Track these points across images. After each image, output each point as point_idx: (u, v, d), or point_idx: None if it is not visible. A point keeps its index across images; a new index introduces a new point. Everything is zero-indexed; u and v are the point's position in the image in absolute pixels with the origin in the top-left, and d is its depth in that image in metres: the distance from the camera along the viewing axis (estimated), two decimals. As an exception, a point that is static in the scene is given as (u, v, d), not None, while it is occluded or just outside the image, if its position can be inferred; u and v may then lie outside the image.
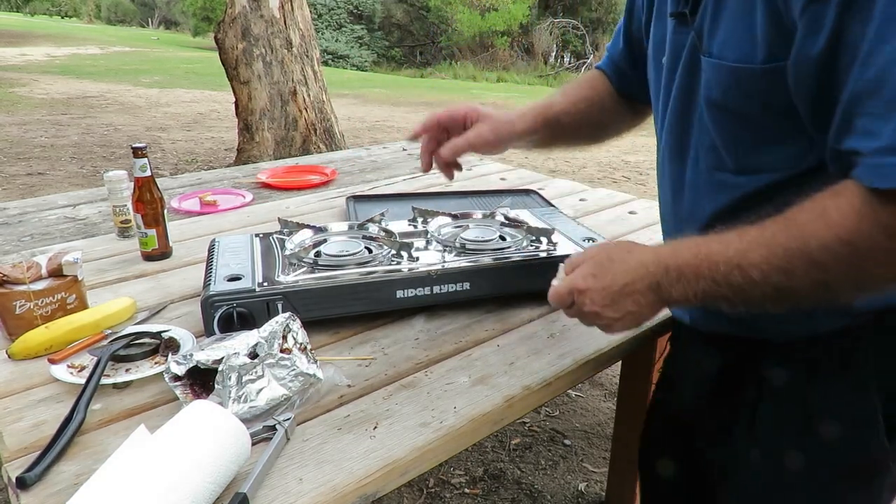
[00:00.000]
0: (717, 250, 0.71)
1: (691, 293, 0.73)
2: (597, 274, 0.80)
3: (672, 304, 0.78)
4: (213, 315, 1.02)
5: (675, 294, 0.74)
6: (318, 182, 2.11)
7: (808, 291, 0.67)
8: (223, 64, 5.12)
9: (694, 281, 0.72)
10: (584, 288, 0.81)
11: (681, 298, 0.74)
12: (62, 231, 1.65)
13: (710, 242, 0.72)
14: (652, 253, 0.78)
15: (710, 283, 0.70)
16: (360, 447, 0.82)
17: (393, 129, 7.53)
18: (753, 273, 0.67)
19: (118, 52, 17.14)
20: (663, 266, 0.75)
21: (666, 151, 0.91)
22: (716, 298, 0.71)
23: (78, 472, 0.76)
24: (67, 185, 4.99)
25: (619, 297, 0.78)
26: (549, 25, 18.20)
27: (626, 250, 0.81)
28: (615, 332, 0.83)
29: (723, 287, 0.70)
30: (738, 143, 0.78)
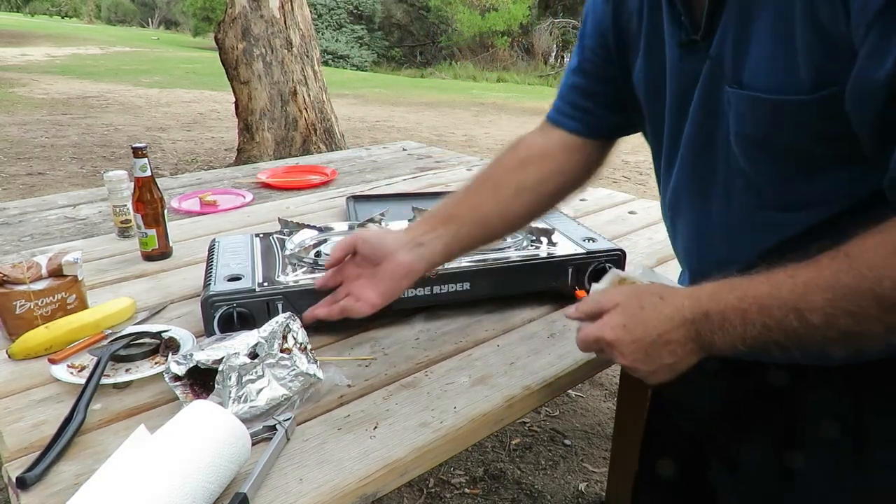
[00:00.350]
0: (766, 293, 0.63)
1: (738, 340, 0.65)
2: (627, 324, 0.72)
3: (714, 351, 0.69)
4: (213, 315, 1.02)
5: (718, 341, 0.66)
6: (319, 182, 2.11)
7: (881, 335, 0.60)
8: (223, 64, 5.12)
9: (741, 327, 0.64)
10: (612, 340, 0.72)
11: (725, 346, 0.67)
12: (62, 231, 1.65)
13: (756, 284, 0.64)
14: (688, 298, 0.69)
15: (761, 329, 0.63)
16: (361, 447, 0.82)
17: (393, 129, 7.53)
18: (814, 318, 0.60)
19: (118, 52, 17.15)
20: (702, 312, 0.67)
21: (682, 191, 0.82)
22: (766, 344, 0.64)
23: (78, 472, 0.76)
24: (67, 185, 4.99)
25: (654, 348, 0.70)
26: (550, 25, 18.21)
27: (659, 296, 0.72)
28: (653, 382, 0.74)
29: (776, 332, 0.62)
30: (780, 178, 0.70)
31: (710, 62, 0.70)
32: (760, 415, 0.80)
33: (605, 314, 0.74)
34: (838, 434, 0.74)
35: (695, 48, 0.72)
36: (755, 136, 0.68)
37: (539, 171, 0.98)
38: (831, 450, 0.75)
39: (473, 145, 6.75)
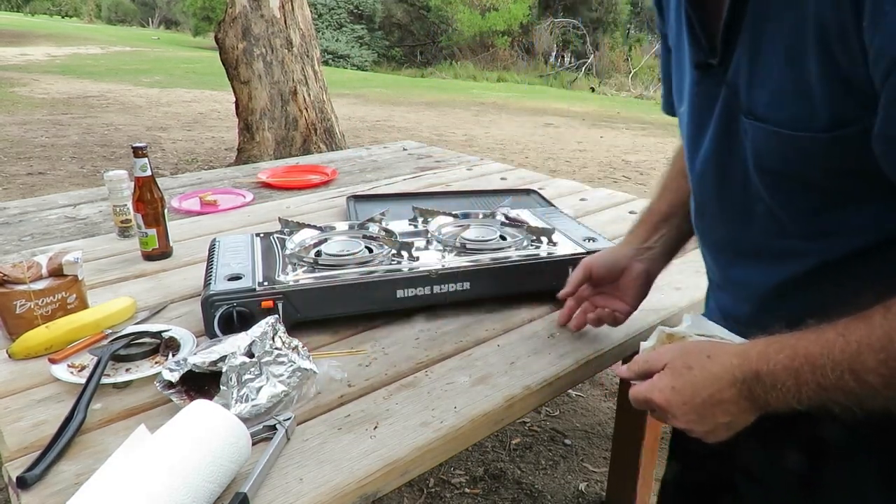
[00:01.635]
0: (817, 352, 0.61)
1: (794, 400, 0.62)
2: (675, 386, 0.70)
3: (770, 410, 0.66)
4: (213, 315, 1.02)
5: (773, 401, 0.64)
6: (319, 182, 2.11)
7: None
8: (223, 64, 5.12)
9: (794, 388, 0.62)
10: (663, 403, 0.71)
11: (780, 405, 0.64)
12: (62, 231, 1.65)
13: (806, 343, 0.62)
14: (737, 356, 0.67)
15: (817, 390, 0.61)
16: (361, 447, 0.82)
17: (393, 128, 7.52)
18: (871, 378, 0.58)
19: (119, 51, 17.14)
20: (753, 372, 0.65)
21: (706, 214, 0.81)
22: (825, 403, 0.61)
23: (78, 471, 0.76)
24: (68, 184, 4.99)
25: (706, 409, 0.68)
26: (550, 25, 18.18)
27: (706, 354, 0.70)
28: (712, 441, 0.71)
29: (832, 392, 0.60)
30: (800, 209, 0.68)
31: (727, 88, 0.69)
32: (786, 429, 0.78)
33: (655, 375, 0.73)
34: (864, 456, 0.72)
35: (712, 71, 0.70)
36: (772, 168, 0.67)
37: None
38: (856, 470, 0.74)
39: (474, 145, 6.75)
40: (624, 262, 1.01)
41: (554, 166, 5.85)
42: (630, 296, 1.02)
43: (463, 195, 1.92)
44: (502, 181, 2.17)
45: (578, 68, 16.93)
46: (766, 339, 0.66)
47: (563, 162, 6.05)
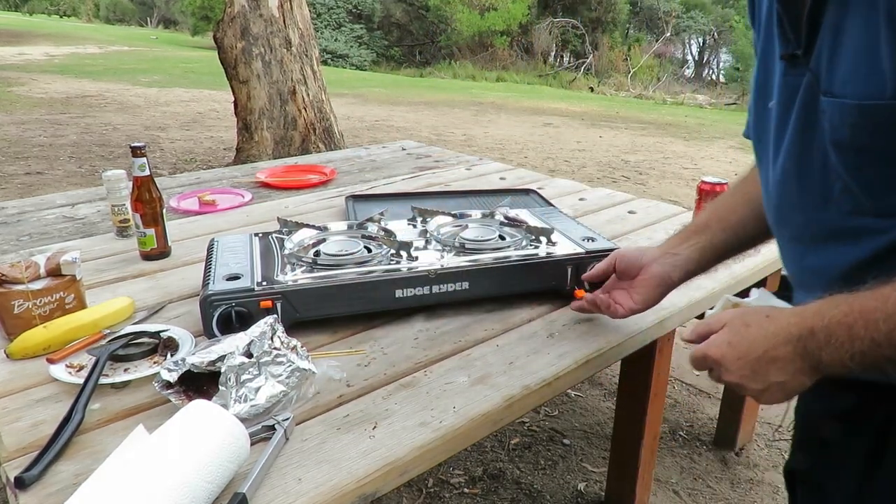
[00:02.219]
0: (873, 307, 0.62)
1: (847, 356, 0.64)
2: (732, 341, 0.73)
3: (824, 369, 0.68)
4: (211, 314, 1.02)
5: (826, 358, 0.66)
6: (318, 181, 2.11)
7: None
8: (222, 63, 5.11)
9: (848, 342, 0.64)
10: (718, 357, 0.74)
11: (834, 363, 0.66)
12: (60, 230, 1.64)
13: (862, 298, 0.64)
14: (794, 315, 0.70)
15: (870, 344, 0.62)
16: (360, 447, 0.82)
17: (392, 128, 7.52)
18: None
19: (117, 51, 17.12)
20: (808, 328, 0.67)
21: (783, 201, 0.82)
22: (878, 360, 0.63)
23: (76, 471, 0.76)
24: (66, 184, 4.98)
25: (760, 365, 0.71)
26: (549, 25, 18.18)
27: (765, 315, 0.73)
28: (766, 403, 0.74)
29: (885, 348, 0.61)
30: (877, 184, 0.69)
31: (810, 75, 0.71)
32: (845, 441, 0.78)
33: (713, 334, 0.76)
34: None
35: (797, 62, 0.73)
36: (846, 140, 0.69)
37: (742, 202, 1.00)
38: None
39: (473, 144, 6.74)
40: (645, 261, 1.03)
41: (553, 166, 5.85)
42: (639, 294, 1.04)
43: (462, 195, 1.92)
44: (501, 181, 2.17)
45: (577, 68, 16.93)
46: (824, 299, 0.67)
47: (562, 162, 6.05)
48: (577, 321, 1.17)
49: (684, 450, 2.07)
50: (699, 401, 2.34)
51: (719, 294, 1.33)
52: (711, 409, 2.26)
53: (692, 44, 20.77)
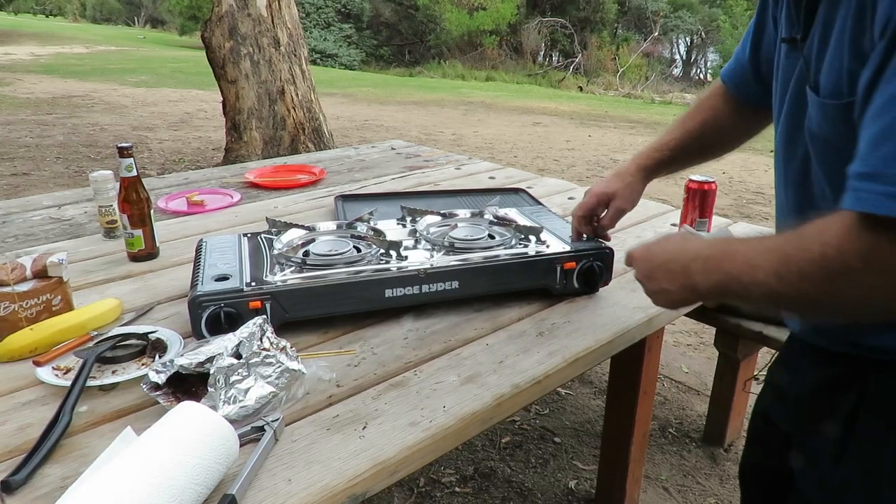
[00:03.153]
0: (739, 249, 0.74)
1: (711, 282, 0.76)
2: (651, 248, 0.88)
3: (696, 290, 0.79)
4: (200, 315, 1.01)
5: (698, 280, 0.78)
6: (307, 181, 2.10)
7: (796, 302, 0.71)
8: (210, 63, 5.09)
9: (714, 272, 0.76)
10: (635, 255, 0.90)
11: (701, 286, 0.78)
12: (47, 232, 1.63)
13: (739, 242, 0.77)
14: (702, 244, 0.82)
15: (724, 276, 0.74)
16: (350, 447, 0.82)
17: (382, 128, 7.51)
18: (758, 274, 0.70)
19: (104, 50, 16.99)
20: (695, 253, 0.79)
21: (781, 178, 0.89)
22: (727, 292, 0.76)
23: (64, 474, 0.76)
24: (53, 185, 4.93)
25: (657, 271, 0.85)
26: (538, 24, 18.21)
27: (690, 238, 0.86)
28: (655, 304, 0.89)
29: (733, 283, 0.73)
30: (838, 173, 0.73)
31: (803, 61, 0.77)
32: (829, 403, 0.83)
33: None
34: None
35: (796, 46, 0.79)
36: (815, 132, 0.76)
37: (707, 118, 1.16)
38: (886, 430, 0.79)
39: (462, 144, 6.75)
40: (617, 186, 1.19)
41: (542, 165, 5.86)
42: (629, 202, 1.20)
43: (451, 194, 1.92)
44: (491, 180, 2.17)
45: (566, 67, 16.98)
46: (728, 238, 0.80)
47: (552, 161, 6.07)
48: (567, 320, 1.17)
49: (674, 447, 2.08)
50: (688, 398, 2.36)
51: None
52: (700, 405, 2.27)
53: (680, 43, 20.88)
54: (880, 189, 0.58)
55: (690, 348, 2.74)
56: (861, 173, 0.61)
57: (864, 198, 0.60)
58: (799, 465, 0.89)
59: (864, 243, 0.61)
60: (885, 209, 0.58)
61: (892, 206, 0.57)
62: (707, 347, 2.69)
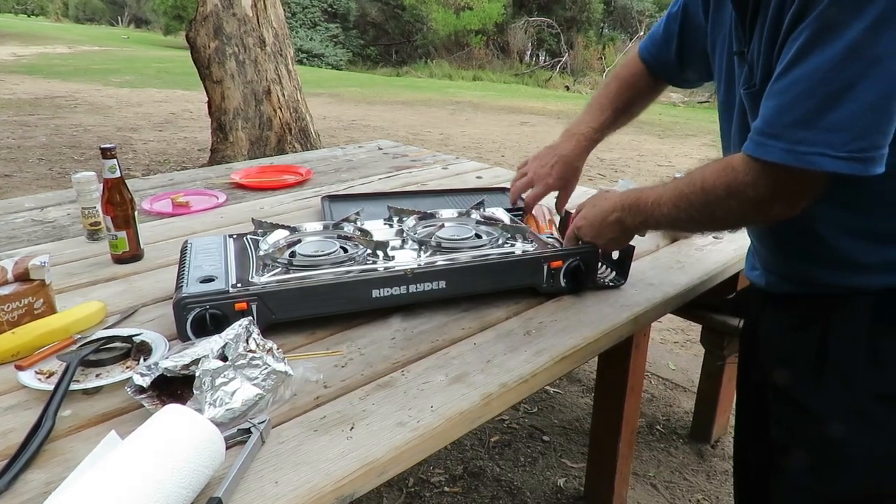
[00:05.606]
0: (650, 194, 1.02)
1: (637, 221, 1.07)
2: (586, 215, 1.18)
3: (632, 230, 1.12)
4: (185, 317, 1.00)
5: (630, 222, 1.09)
6: (293, 182, 2.09)
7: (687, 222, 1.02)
8: (195, 63, 5.05)
9: (637, 213, 1.06)
10: (579, 226, 1.19)
11: (633, 226, 1.09)
12: (29, 234, 1.61)
13: (651, 189, 1.03)
14: (618, 196, 1.11)
15: (645, 215, 1.04)
16: (337, 448, 0.81)
17: (369, 127, 7.49)
18: (664, 209, 0.99)
19: (87, 51, 16.81)
20: (620, 204, 1.09)
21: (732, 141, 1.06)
22: (647, 224, 1.07)
23: (47, 480, 0.75)
24: (35, 187, 4.88)
25: (601, 228, 1.15)
26: (525, 24, 18.24)
27: (604, 197, 1.16)
28: (610, 250, 1.25)
29: (650, 218, 1.03)
30: None
31: (748, 68, 0.91)
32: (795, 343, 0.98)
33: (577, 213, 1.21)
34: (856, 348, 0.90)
35: (743, 57, 0.92)
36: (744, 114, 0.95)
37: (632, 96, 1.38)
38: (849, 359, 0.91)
39: (450, 144, 6.75)
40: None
41: (530, 164, 5.85)
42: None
43: (438, 194, 1.91)
44: (478, 180, 2.17)
45: (553, 67, 17.01)
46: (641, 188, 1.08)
47: (539, 160, 6.07)
48: (554, 319, 1.18)
49: (661, 443, 2.09)
50: (675, 395, 2.37)
51: (694, 290, 1.35)
52: (687, 402, 2.29)
53: (666, 42, 20.95)
54: (782, 146, 0.78)
55: (677, 346, 2.76)
56: (766, 132, 0.80)
57: (753, 145, 0.82)
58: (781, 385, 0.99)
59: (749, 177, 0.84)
60: (784, 159, 0.78)
61: (789, 158, 0.78)
62: (693, 345, 2.71)
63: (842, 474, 0.92)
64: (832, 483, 0.93)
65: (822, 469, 0.94)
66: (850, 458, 0.91)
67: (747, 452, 1.15)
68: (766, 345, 1.04)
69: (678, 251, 1.53)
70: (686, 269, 1.41)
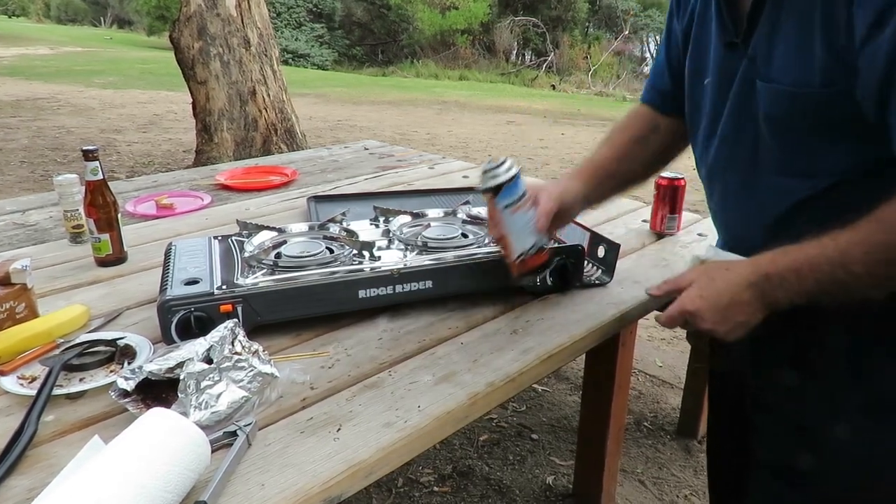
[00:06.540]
0: (815, 253, 0.78)
1: (794, 294, 0.81)
2: (704, 294, 0.88)
3: (778, 307, 0.84)
4: (170, 320, 1.00)
5: (780, 297, 0.82)
6: (279, 183, 2.08)
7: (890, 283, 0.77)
8: (179, 64, 5.01)
9: (796, 283, 0.80)
10: (694, 310, 0.89)
11: (786, 301, 0.82)
12: (10, 238, 1.59)
13: (806, 247, 0.79)
14: (750, 265, 0.85)
15: (814, 283, 0.79)
16: (324, 449, 0.81)
17: (355, 128, 7.47)
18: (856, 268, 0.75)
19: (69, 52, 16.62)
20: (763, 275, 0.83)
21: (719, 163, 0.96)
22: (819, 295, 0.80)
23: (30, 486, 0.74)
24: (18, 190, 4.82)
25: (728, 311, 0.86)
26: (510, 23, 18.28)
27: (724, 268, 0.89)
28: (730, 339, 0.89)
29: (826, 285, 0.78)
30: (796, 151, 0.84)
31: (747, 60, 0.85)
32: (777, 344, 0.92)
33: (684, 291, 0.91)
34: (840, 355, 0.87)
35: (735, 48, 0.87)
36: (776, 116, 0.84)
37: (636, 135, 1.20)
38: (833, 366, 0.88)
39: (436, 143, 6.75)
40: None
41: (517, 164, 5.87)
42: None
43: (424, 194, 1.91)
44: (464, 179, 2.17)
45: (539, 66, 17.06)
46: (772, 251, 0.83)
47: (526, 159, 6.10)
48: (541, 317, 1.18)
49: (649, 440, 2.11)
50: (662, 391, 2.39)
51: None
52: (674, 398, 2.30)
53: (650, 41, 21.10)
54: None
55: (664, 342, 2.77)
56: None
57: None
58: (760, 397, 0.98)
59: None
60: None
61: None
62: (680, 341, 2.73)
63: (823, 483, 0.92)
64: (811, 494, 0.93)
65: (799, 478, 0.93)
66: (827, 470, 0.91)
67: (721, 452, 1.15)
68: (742, 348, 0.98)
69: (663, 249, 1.54)
70: (671, 267, 1.42)
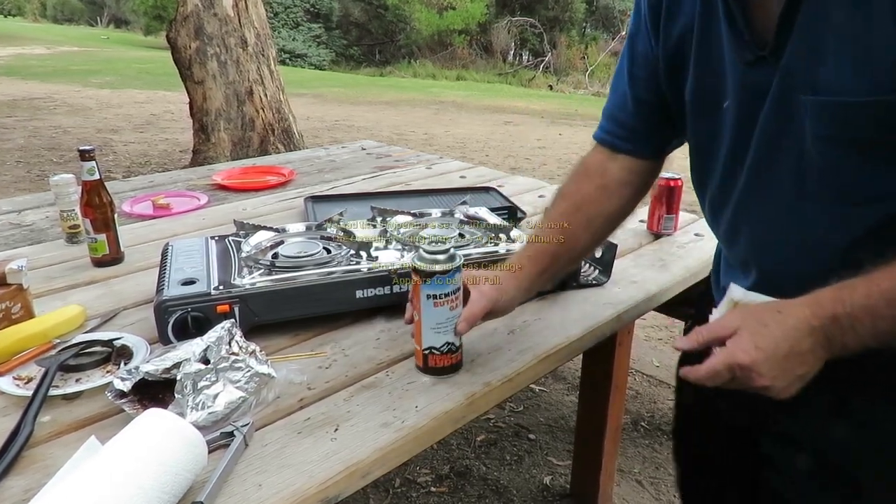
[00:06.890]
0: (889, 287, 0.67)
1: (869, 337, 0.68)
2: (758, 344, 0.71)
3: (844, 353, 0.71)
4: (166, 321, 0.99)
5: (850, 342, 0.69)
6: (276, 183, 2.08)
7: None
8: (176, 64, 5.00)
9: (871, 324, 0.67)
10: (749, 363, 0.71)
11: (856, 345, 0.69)
12: (6, 238, 1.59)
13: (879, 281, 0.67)
14: (809, 306, 0.71)
15: (892, 322, 0.67)
16: (321, 450, 0.81)
17: (353, 128, 7.47)
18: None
19: (66, 51, 16.59)
20: (828, 317, 0.69)
21: (749, 196, 0.84)
22: (880, 340, 0.68)
23: (26, 486, 0.74)
24: (14, 190, 4.81)
25: (787, 363, 0.71)
26: (507, 24, 18.30)
27: (776, 311, 0.73)
28: (785, 397, 0.73)
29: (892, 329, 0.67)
30: (857, 173, 0.73)
31: (781, 75, 0.73)
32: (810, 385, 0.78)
33: (729, 340, 0.73)
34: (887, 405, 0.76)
35: (763, 64, 0.75)
36: (831, 135, 0.71)
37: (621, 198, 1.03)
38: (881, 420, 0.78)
39: (434, 143, 6.75)
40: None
41: (514, 164, 5.89)
42: None
43: (422, 194, 1.91)
44: (462, 179, 2.18)
45: (536, 66, 17.09)
46: (833, 286, 0.69)
47: (523, 159, 6.10)
48: (538, 317, 1.18)
49: (646, 440, 2.11)
50: (659, 391, 2.39)
51: (676, 288, 1.36)
52: (671, 398, 2.31)
53: (647, 42, 21.13)
54: None
55: (661, 342, 2.78)
56: None
57: None
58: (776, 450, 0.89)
59: None
60: None
61: None
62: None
63: None
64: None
65: None
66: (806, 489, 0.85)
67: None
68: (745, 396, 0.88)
69: (660, 249, 1.54)
70: (668, 267, 1.42)
